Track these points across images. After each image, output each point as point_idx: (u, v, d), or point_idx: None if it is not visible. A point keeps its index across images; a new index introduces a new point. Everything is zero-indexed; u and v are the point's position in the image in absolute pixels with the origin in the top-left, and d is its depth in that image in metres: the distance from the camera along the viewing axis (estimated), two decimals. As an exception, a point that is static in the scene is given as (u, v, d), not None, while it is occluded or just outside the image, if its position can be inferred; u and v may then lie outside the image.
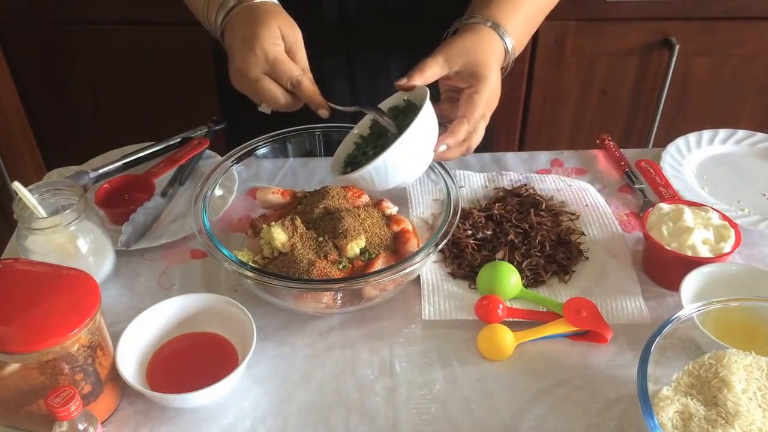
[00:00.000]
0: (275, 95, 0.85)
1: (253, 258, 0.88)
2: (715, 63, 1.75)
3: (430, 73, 0.85)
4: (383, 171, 0.81)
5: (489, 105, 0.87)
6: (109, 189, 1.03)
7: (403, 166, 0.82)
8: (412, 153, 0.81)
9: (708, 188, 1.06)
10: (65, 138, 1.86)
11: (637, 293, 0.88)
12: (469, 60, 0.86)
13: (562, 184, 1.06)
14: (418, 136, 0.80)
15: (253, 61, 0.83)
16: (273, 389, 0.79)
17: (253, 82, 0.84)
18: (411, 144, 0.80)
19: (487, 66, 0.86)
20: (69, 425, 0.67)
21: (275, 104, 0.86)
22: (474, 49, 0.87)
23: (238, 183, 0.99)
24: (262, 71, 0.83)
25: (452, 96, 0.89)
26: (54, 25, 1.70)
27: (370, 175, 0.81)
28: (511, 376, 0.80)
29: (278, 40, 0.84)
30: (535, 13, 0.96)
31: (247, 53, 0.83)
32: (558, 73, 1.75)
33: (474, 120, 0.85)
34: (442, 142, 0.83)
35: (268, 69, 0.83)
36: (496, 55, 0.88)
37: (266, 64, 0.83)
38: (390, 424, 0.75)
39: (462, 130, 0.84)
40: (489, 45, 0.88)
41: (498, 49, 0.89)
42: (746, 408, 0.67)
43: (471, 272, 0.90)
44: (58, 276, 0.73)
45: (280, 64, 0.83)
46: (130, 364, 0.76)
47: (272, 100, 0.85)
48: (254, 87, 0.84)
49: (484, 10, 0.91)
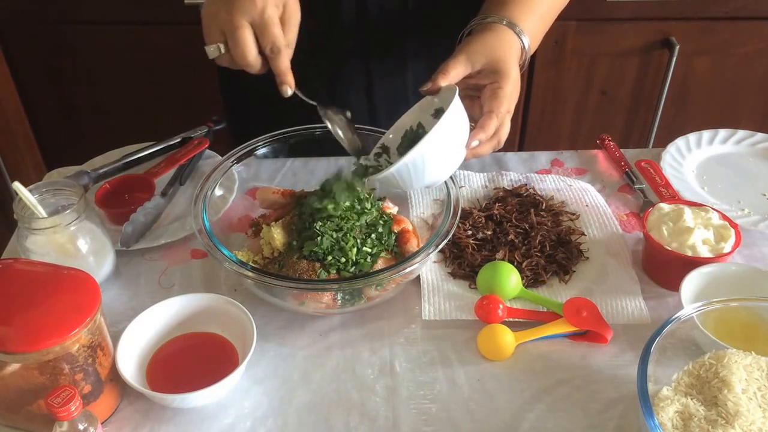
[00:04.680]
0: (247, 48, 0.81)
1: (253, 258, 0.88)
2: (715, 63, 1.76)
3: (453, 74, 0.85)
4: (420, 164, 0.78)
5: (512, 99, 0.87)
6: (109, 189, 1.03)
7: (439, 159, 0.80)
8: (447, 146, 0.80)
9: (708, 188, 1.06)
10: (65, 138, 1.86)
11: (637, 293, 0.88)
12: (491, 57, 0.86)
13: (562, 184, 1.06)
14: (453, 127, 0.79)
15: (249, 7, 0.79)
16: (273, 389, 0.79)
17: (234, 26, 0.80)
18: (446, 135, 0.78)
19: (508, 61, 0.86)
20: (69, 425, 0.67)
21: (241, 56, 0.82)
22: (494, 46, 0.87)
23: (238, 183, 0.99)
24: (249, 21, 0.80)
25: (471, 94, 0.89)
26: (54, 25, 1.71)
27: (407, 169, 0.78)
28: (511, 376, 0.80)
29: (280, 4, 0.81)
30: (548, 12, 0.97)
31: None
32: (558, 73, 1.76)
33: (501, 114, 0.85)
34: (474, 137, 0.83)
35: (258, 24, 0.80)
36: (515, 51, 0.89)
37: (259, 19, 0.80)
38: (390, 424, 0.75)
39: (491, 125, 0.84)
40: (507, 42, 0.88)
41: (515, 46, 0.89)
42: (746, 408, 0.67)
43: (471, 272, 0.90)
44: (58, 276, 0.73)
45: (272, 26, 0.80)
46: (130, 364, 0.76)
47: (241, 51, 0.81)
48: (232, 31, 0.80)
49: (499, 10, 0.91)
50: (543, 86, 1.78)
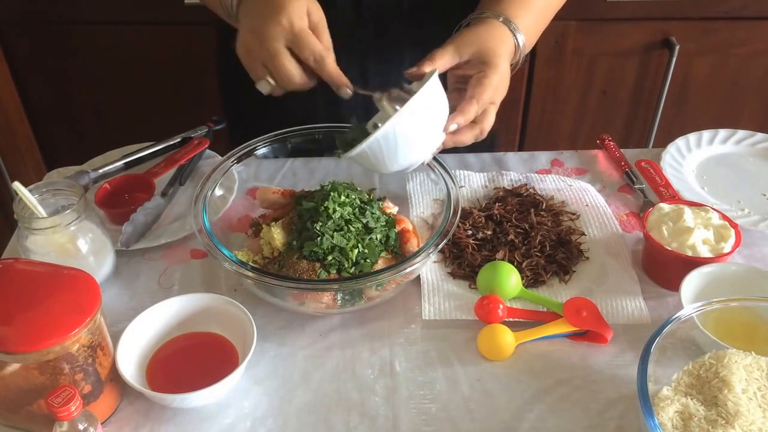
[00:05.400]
0: (291, 72, 0.82)
1: (253, 258, 0.88)
2: (715, 63, 1.76)
3: (440, 62, 0.84)
4: (392, 140, 0.77)
5: (498, 91, 0.86)
6: (109, 189, 1.03)
7: (412, 137, 0.79)
8: (421, 123, 0.79)
9: (708, 188, 1.06)
10: (65, 138, 1.86)
11: (637, 293, 0.88)
12: (479, 48, 0.86)
13: (563, 184, 1.06)
14: (427, 104, 0.78)
15: (278, 31, 0.80)
16: (273, 389, 0.79)
17: (271, 55, 0.81)
18: (419, 112, 0.77)
19: (497, 54, 0.86)
20: (69, 425, 0.67)
21: (288, 81, 0.83)
22: (484, 38, 0.87)
23: (238, 183, 0.99)
24: (285, 43, 0.80)
25: (460, 87, 0.89)
26: (54, 25, 1.71)
27: (378, 146, 0.77)
28: (511, 376, 0.80)
29: (305, 14, 0.81)
30: (544, 10, 0.97)
31: (272, 23, 0.80)
32: (558, 73, 1.76)
33: (483, 101, 0.84)
34: (452, 120, 0.82)
35: (292, 41, 0.81)
36: (506, 47, 0.88)
37: (291, 36, 0.80)
38: (390, 424, 0.75)
39: (471, 109, 0.83)
40: (499, 36, 0.88)
41: (508, 41, 0.89)
42: (746, 408, 0.67)
43: (471, 272, 0.90)
44: (58, 276, 0.73)
45: (307, 37, 0.81)
46: (130, 364, 0.76)
47: (287, 77, 0.82)
48: (271, 60, 0.81)
49: (495, 6, 0.91)
50: (543, 86, 1.78)
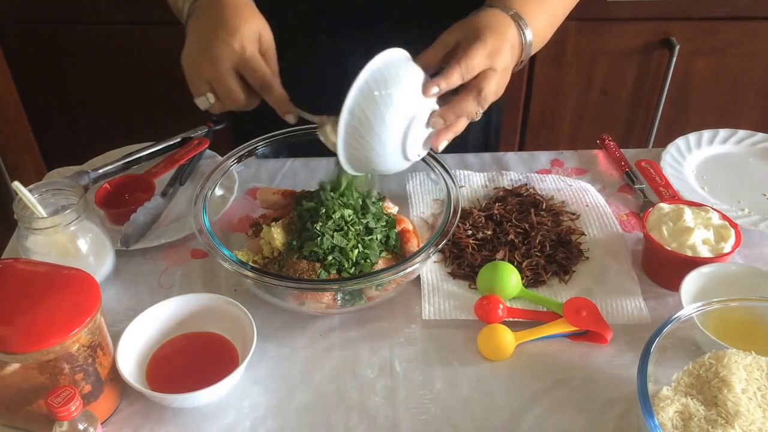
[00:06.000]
0: (237, 94, 0.83)
1: (253, 258, 0.88)
2: (715, 63, 1.75)
3: (428, 55, 0.82)
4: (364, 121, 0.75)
5: (497, 56, 0.81)
6: (109, 189, 1.03)
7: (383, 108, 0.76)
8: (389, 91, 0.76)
9: (708, 188, 1.06)
10: (65, 138, 1.86)
11: (637, 293, 0.88)
12: (466, 30, 0.82)
13: (563, 184, 1.06)
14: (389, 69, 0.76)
15: (229, 53, 0.81)
16: (273, 389, 0.79)
17: (219, 75, 0.82)
18: (380, 77, 0.75)
19: (486, 26, 0.81)
20: (69, 425, 0.67)
21: (233, 102, 0.84)
22: (474, 21, 0.83)
23: (238, 183, 0.99)
24: (234, 66, 0.82)
25: None
26: (54, 25, 1.70)
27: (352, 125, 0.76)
28: (511, 376, 0.80)
29: (257, 39, 0.83)
30: (559, 10, 0.93)
31: (223, 45, 0.81)
32: (558, 73, 1.75)
33: (471, 65, 0.79)
34: (433, 84, 0.78)
35: (241, 65, 0.82)
36: (503, 27, 0.83)
37: (241, 60, 0.82)
38: (390, 423, 0.75)
39: (453, 73, 0.79)
40: (495, 20, 0.83)
41: (509, 31, 0.83)
42: (746, 408, 0.67)
43: (471, 272, 0.90)
44: (58, 276, 0.73)
45: (257, 62, 0.82)
46: (130, 364, 0.76)
47: (232, 98, 0.84)
48: (218, 81, 0.82)
49: (507, 0, 0.86)
50: (543, 86, 1.78)
